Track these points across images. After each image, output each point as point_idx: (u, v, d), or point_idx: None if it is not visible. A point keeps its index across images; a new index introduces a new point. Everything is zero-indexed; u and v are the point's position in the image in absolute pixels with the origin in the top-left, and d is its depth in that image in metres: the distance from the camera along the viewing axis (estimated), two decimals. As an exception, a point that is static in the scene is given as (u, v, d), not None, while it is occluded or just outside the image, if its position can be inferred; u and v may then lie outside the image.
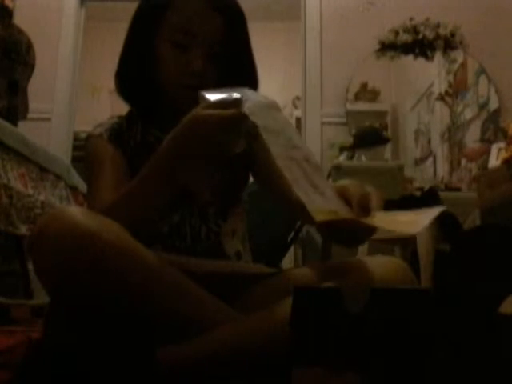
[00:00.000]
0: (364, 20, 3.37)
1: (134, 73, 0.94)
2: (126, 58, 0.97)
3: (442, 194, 2.15)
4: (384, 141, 3.03)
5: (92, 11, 3.74)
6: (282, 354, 0.63)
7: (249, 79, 0.96)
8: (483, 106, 3.27)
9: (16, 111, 2.10)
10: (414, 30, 3.32)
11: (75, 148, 3.36)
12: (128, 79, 0.96)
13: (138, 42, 0.95)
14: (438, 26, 3.31)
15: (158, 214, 0.80)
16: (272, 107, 0.76)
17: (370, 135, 2.97)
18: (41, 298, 1.82)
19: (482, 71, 3.28)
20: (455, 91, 3.34)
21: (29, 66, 2.19)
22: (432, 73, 3.40)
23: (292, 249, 2.73)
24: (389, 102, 3.47)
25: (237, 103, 0.70)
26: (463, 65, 3.33)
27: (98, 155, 0.93)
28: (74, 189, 2.29)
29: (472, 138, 3.25)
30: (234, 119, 0.69)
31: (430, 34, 3.30)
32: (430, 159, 3.34)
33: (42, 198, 1.95)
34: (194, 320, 0.73)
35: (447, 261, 1.58)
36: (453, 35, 3.30)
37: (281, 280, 0.87)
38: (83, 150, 0.97)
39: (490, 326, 0.51)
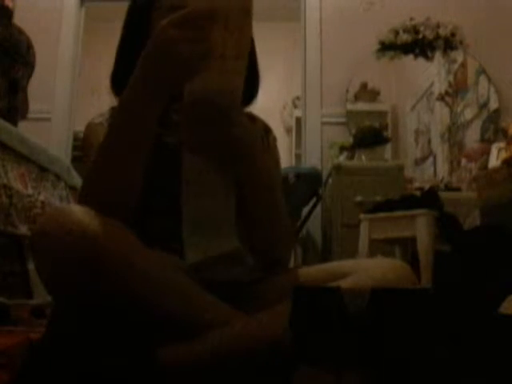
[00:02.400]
0: (364, 20, 3.37)
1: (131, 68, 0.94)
2: (122, 55, 0.97)
3: (442, 194, 2.15)
4: (384, 141, 3.03)
5: (92, 11, 3.74)
6: (282, 354, 0.64)
7: (250, 73, 0.97)
8: (483, 106, 3.28)
9: (16, 111, 2.10)
10: (414, 30, 3.32)
11: (75, 148, 3.36)
12: (125, 76, 0.95)
13: (133, 37, 0.95)
14: (437, 26, 3.31)
15: (149, 134, 0.78)
16: None
17: (369, 135, 2.97)
18: (41, 298, 1.82)
19: (482, 71, 3.28)
20: (455, 91, 3.34)
21: (29, 65, 2.18)
22: (432, 73, 3.40)
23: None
24: (389, 102, 3.48)
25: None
26: (463, 65, 3.33)
27: (96, 141, 0.92)
28: (73, 189, 2.29)
29: (472, 138, 3.25)
30: (182, 16, 0.71)
31: (430, 34, 3.30)
32: (430, 159, 3.35)
33: (41, 197, 1.95)
34: (193, 320, 0.72)
35: (447, 261, 1.58)
36: (453, 35, 3.30)
37: (281, 280, 0.87)
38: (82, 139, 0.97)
39: (490, 326, 0.51)
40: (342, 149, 3.16)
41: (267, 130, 1.03)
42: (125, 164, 0.77)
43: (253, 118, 1.03)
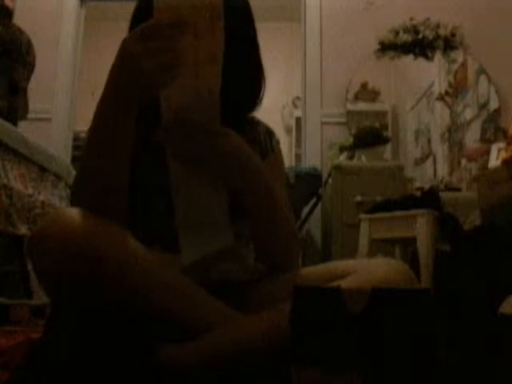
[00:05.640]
0: (364, 20, 3.37)
1: None
2: None
3: (442, 194, 2.15)
4: (384, 141, 3.03)
5: (92, 11, 3.74)
6: (282, 353, 0.63)
7: (254, 78, 0.96)
8: (483, 106, 3.28)
9: (16, 111, 2.10)
10: (414, 30, 3.32)
11: (75, 148, 3.37)
12: None
13: None
14: (437, 26, 3.31)
15: (126, 140, 0.78)
16: None
17: (369, 135, 2.97)
18: (41, 298, 1.82)
19: (481, 71, 3.28)
20: (455, 91, 3.34)
21: (29, 65, 2.18)
22: (432, 73, 3.40)
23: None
24: (389, 102, 3.48)
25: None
26: (463, 65, 3.33)
27: None
28: (74, 189, 2.29)
29: (472, 137, 3.25)
30: (143, 29, 0.69)
31: (429, 34, 3.30)
32: (430, 159, 3.35)
33: (41, 197, 1.95)
34: (193, 320, 0.73)
35: (447, 261, 1.58)
36: (453, 35, 3.30)
37: (281, 280, 0.87)
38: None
39: (490, 326, 0.51)
40: (342, 149, 3.16)
41: (270, 134, 1.03)
42: (105, 168, 0.77)
43: (256, 122, 1.03)
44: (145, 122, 0.92)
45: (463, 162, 3.22)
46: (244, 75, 0.93)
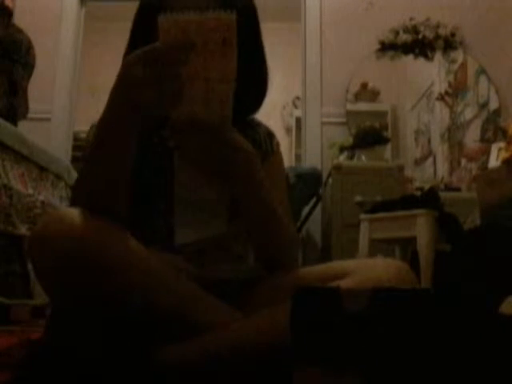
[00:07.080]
0: (364, 20, 3.37)
1: None
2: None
3: (442, 194, 2.15)
4: (384, 141, 3.03)
5: (92, 11, 3.74)
6: (282, 354, 0.64)
7: (258, 78, 0.96)
8: (483, 106, 3.28)
9: (16, 111, 2.11)
10: (414, 29, 3.32)
11: (75, 148, 3.37)
12: None
13: (141, 38, 0.94)
14: (438, 26, 3.31)
15: (129, 148, 0.76)
16: None
17: (370, 135, 2.97)
18: (41, 298, 1.82)
19: (482, 71, 3.28)
20: (455, 91, 3.34)
21: (29, 65, 2.18)
22: (432, 73, 3.40)
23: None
24: (389, 102, 3.48)
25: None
26: (463, 65, 3.33)
27: None
28: (74, 189, 2.28)
29: (472, 137, 3.25)
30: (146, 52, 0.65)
31: (430, 34, 3.30)
32: (430, 159, 3.35)
33: (41, 198, 1.95)
34: (194, 320, 0.73)
35: (447, 261, 1.58)
36: (453, 35, 3.30)
37: (281, 280, 0.87)
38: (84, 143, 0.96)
39: (490, 326, 0.51)
40: (342, 149, 3.16)
41: (270, 135, 1.03)
42: (106, 170, 0.76)
43: (256, 123, 1.03)
44: (148, 124, 0.92)
45: (463, 161, 3.23)
46: (249, 77, 0.92)
